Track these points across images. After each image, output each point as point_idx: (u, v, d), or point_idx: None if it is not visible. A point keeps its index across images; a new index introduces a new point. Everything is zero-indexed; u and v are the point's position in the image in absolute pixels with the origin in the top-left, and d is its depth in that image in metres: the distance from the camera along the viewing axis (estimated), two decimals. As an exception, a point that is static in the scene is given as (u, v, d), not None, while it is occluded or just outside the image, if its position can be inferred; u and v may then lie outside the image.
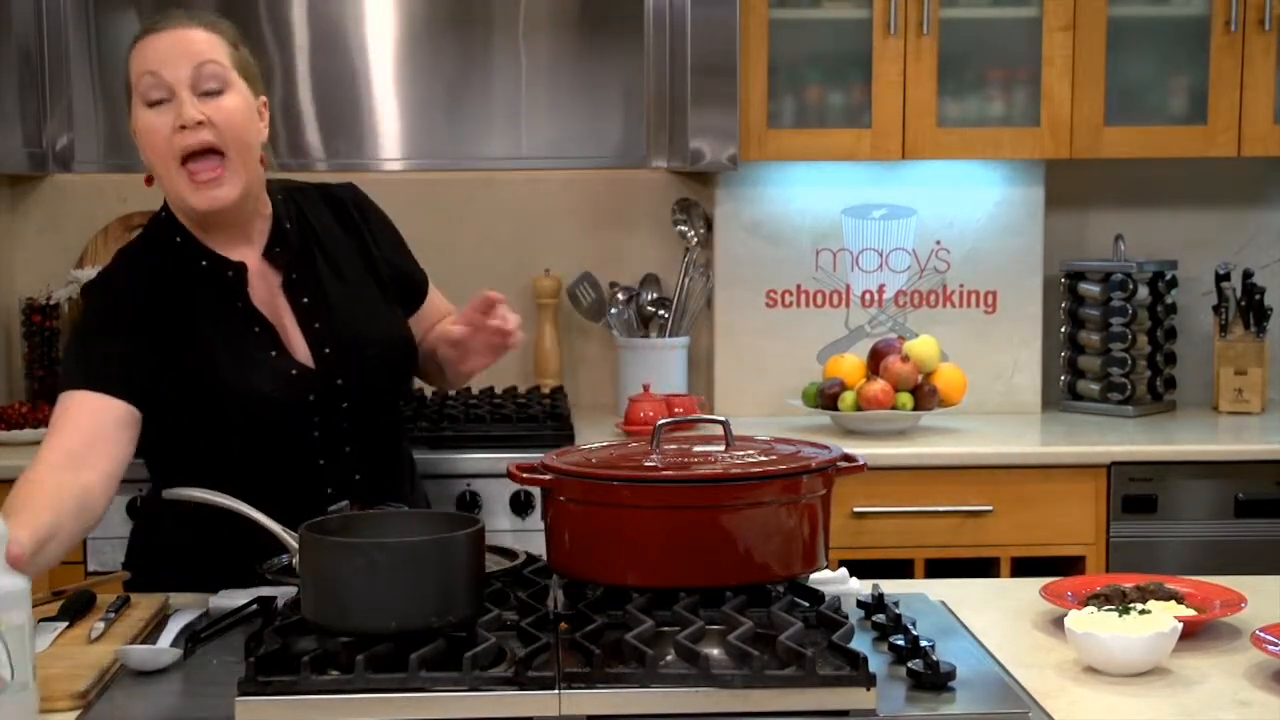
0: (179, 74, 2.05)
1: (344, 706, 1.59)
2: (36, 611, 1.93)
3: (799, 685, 1.61)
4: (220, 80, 2.07)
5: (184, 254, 2.15)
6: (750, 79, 3.46)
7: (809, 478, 1.87)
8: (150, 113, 2.06)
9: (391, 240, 2.37)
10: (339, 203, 2.31)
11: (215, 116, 2.05)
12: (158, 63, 2.05)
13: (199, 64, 2.06)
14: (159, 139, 2.04)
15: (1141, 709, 1.67)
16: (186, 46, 2.07)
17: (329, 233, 2.27)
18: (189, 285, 2.13)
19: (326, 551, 1.68)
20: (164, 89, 2.05)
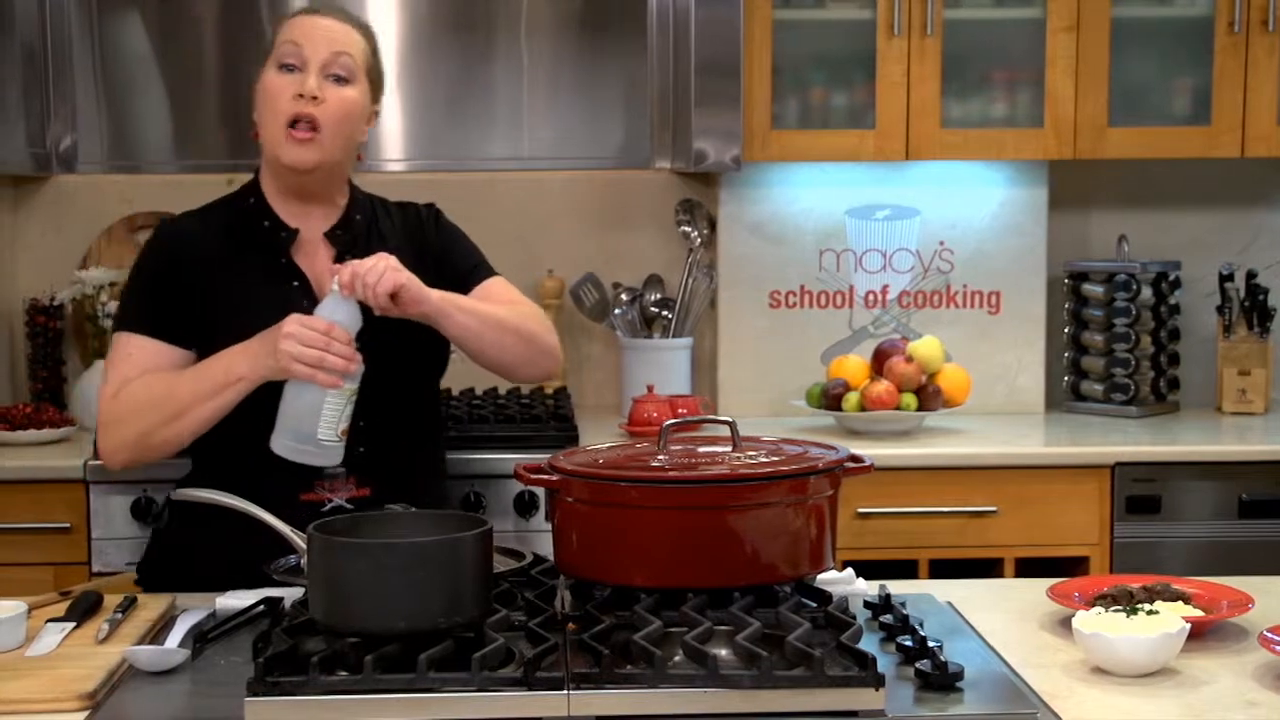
0: (317, 52, 2.27)
1: (352, 707, 1.59)
2: (43, 612, 1.95)
3: (808, 686, 1.61)
4: (349, 72, 2.29)
5: (251, 214, 2.35)
6: (754, 79, 3.46)
7: (816, 478, 1.87)
8: (279, 74, 2.27)
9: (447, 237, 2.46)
10: (413, 214, 2.47)
11: (331, 99, 2.26)
12: (303, 36, 2.28)
13: (336, 52, 2.28)
14: (279, 97, 2.25)
15: (1149, 710, 1.67)
16: (333, 34, 2.30)
17: (394, 235, 2.41)
18: (245, 241, 2.33)
19: (335, 552, 1.68)
20: (299, 59, 2.27)
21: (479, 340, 2.28)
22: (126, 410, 2.23)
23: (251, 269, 2.30)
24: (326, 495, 2.20)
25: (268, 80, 2.29)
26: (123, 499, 3.13)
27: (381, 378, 2.25)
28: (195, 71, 3.49)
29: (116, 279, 3.57)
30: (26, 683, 1.70)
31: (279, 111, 2.25)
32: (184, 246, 2.33)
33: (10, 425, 3.28)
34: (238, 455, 2.25)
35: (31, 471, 3.14)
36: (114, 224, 3.73)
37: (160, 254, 2.37)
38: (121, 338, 2.30)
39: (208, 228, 2.37)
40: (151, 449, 2.25)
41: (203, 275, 2.30)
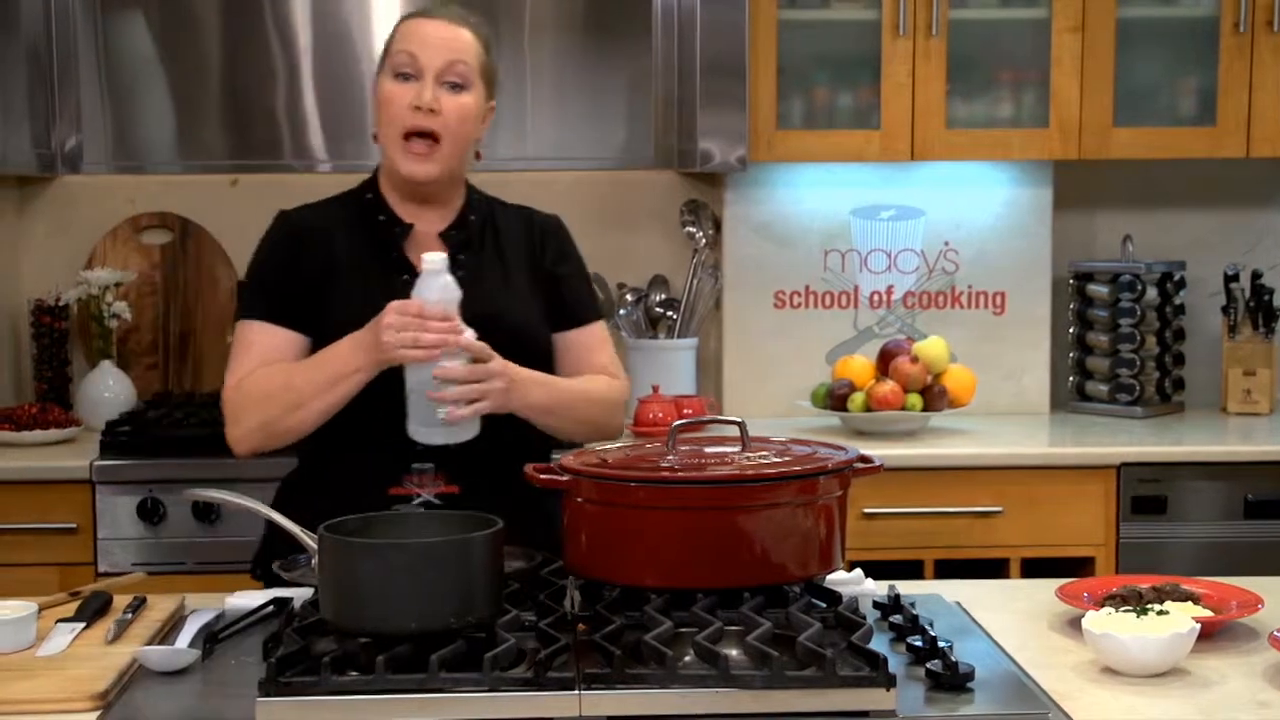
0: (432, 61, 2.26)
1: (364, 707, 1.59)
2: (53, 612, 1.95)
3: (819, 686, 1.62)
4: (464, 79, 2.28)
5: (368, 209, 2.37)
6: (759, 80, 3.46)
7: (826, 479, 1.87)
8: (396, 84, 2.27)
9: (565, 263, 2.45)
10: (531, 221, 2.47)
11: (447, 108, 2.26)
12: (419, 44, 2.27)
13: (452, 60, 2.26)
14: (396, 108, 2.26)
15: (1161, 710, 1.67)
16: (448, 40, 2.28)
17: (510, 238, 2.42)
18: (360, 234, 2.35)
19: (346, 552, 1.68)
20: (415, 68, 2.26)
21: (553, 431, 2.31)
22: (248, 401, 2.25)
23: (365, 262, 2.32)
24: (415, 490, 2.20)
25: (385, 88, 2.29)
26: (129, 499, 3.14)
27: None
28: (199, 72, 3.49)
29: (122, 279, 3.58)
30: (38, 683, 1.70)
31: (396, 121, 2.26)
32: (301, 236, 2.35)
33: (16, 425, 3.29)
34: (333, 451, 2.27)
35: (37, 472, 3.15)
36: (119, 224, 3.73)
37: (278, 243, 2.37)
38: (242, 326, 2.32)
39: (324, 220, 2.38)
40: (275, 437, 2.26)
41: (318, 265, 2.32)
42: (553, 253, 2.43)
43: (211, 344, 3.73)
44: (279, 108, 3.49)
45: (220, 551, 3.15)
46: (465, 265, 2.32)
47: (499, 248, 2.40)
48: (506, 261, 2.39)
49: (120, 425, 3.25)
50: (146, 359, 3.72)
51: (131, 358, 3.67)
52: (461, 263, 2.31)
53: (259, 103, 3.48)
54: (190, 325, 3.74)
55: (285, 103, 3.48)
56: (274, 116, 3.49)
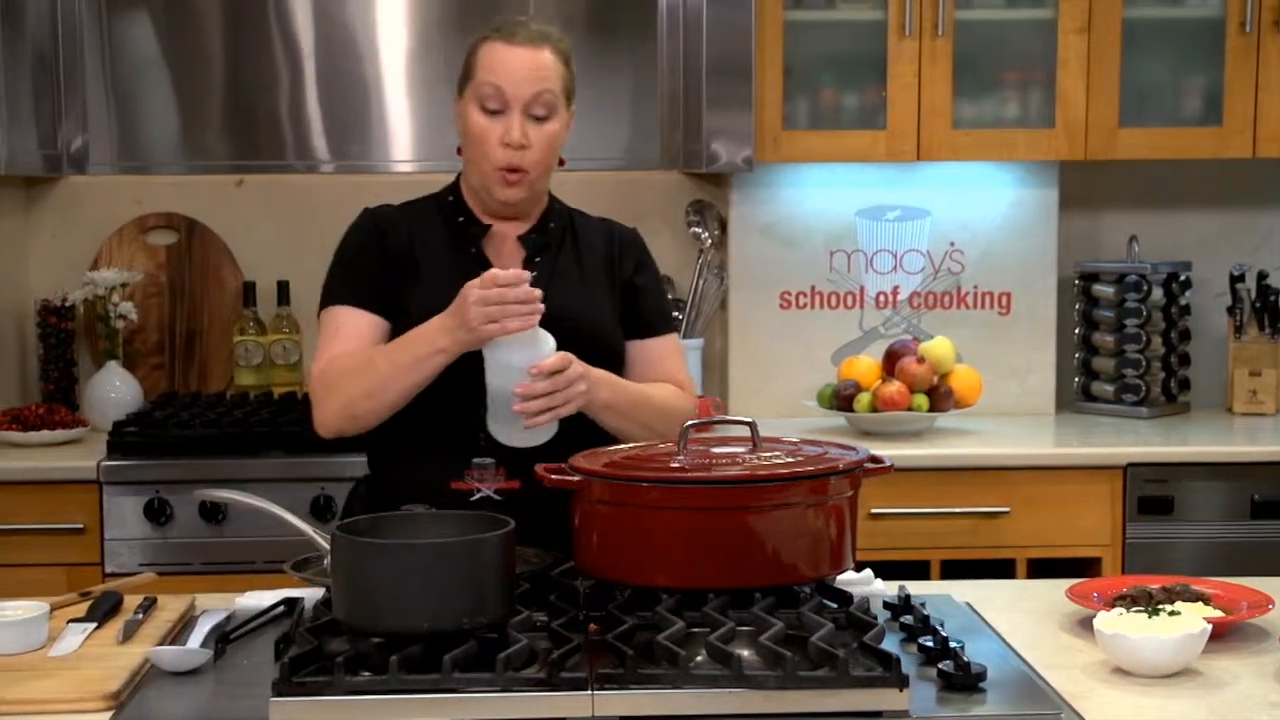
0: (519, 94, 2.29)
1: (378, 707, 1.60)
2: (63, 613, 1.95)
3: (832, 686, 1.62)
4: (550, 108, 2.31)
5: (450, 210, 2.40)
6: (765, 81, 3.46)
7: (836, 479, 1.87)
8: (484, 117, 2.30)
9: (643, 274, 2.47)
10: (611, 232, 2.49)
11: (536, 141, 2.30)
12: (504, 77, 2.29)
13: (537, 92, 2.29)
14: (487, 145, 2.30)
15: (1172, 710, 1.67)
16: (532, 70, 2.29)
17: (588, 245, 2.45)
18: (442, 233, 2.38)
19: (358, 552, 1.68)
20: (501, 102, 2.29)
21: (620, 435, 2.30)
22: (331, 383, 2.28)
23: (443, 257, 2.35)
24: (475, 485, 2.22)
25: (473, 121, 2.31)
26: (135, 500, 3.14)
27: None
28: (205, 73, 3.49)
29: (128, 280, 3.58)
30: (51, 683, 1.71)
31: (488, 158, 2.30)
32: (385, 228, 2.38)
33: (23, 426, 3.29)
34: (395, 447, 2.31)
35: (45, 472, 3.15)
36: (125, 225, 3.73)
37: (363, 232, 2.41)
38: (328, 313, 2.36)
39: (406, 217, 2.42)
40: (356, 419, 2.27)
41: (400, 257, 2.35)
42: (631, 263, 2.46)
43: (217, 344, 3.73)
44: (284, 108, 3.50)
45: (227, 552, 3.15)
46: (542, 267, 2.36)
47: (577, 252, 2.43)
48: (584, 266, 2.42)
49: (127, 426, 3.25)
50: (152, 359, 3.72)
51: (137, 358, 3.67)
52: (538, 265, 2.36)
53: (264, 103, 3.48)
54: (196, 325, 3.74)
55: (290, 103, 3.49)
56: (279, 117, 3.49)
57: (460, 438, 2.25)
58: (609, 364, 2.33)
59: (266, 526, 3.08)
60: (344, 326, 2.33)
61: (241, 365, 3.64)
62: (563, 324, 2.22)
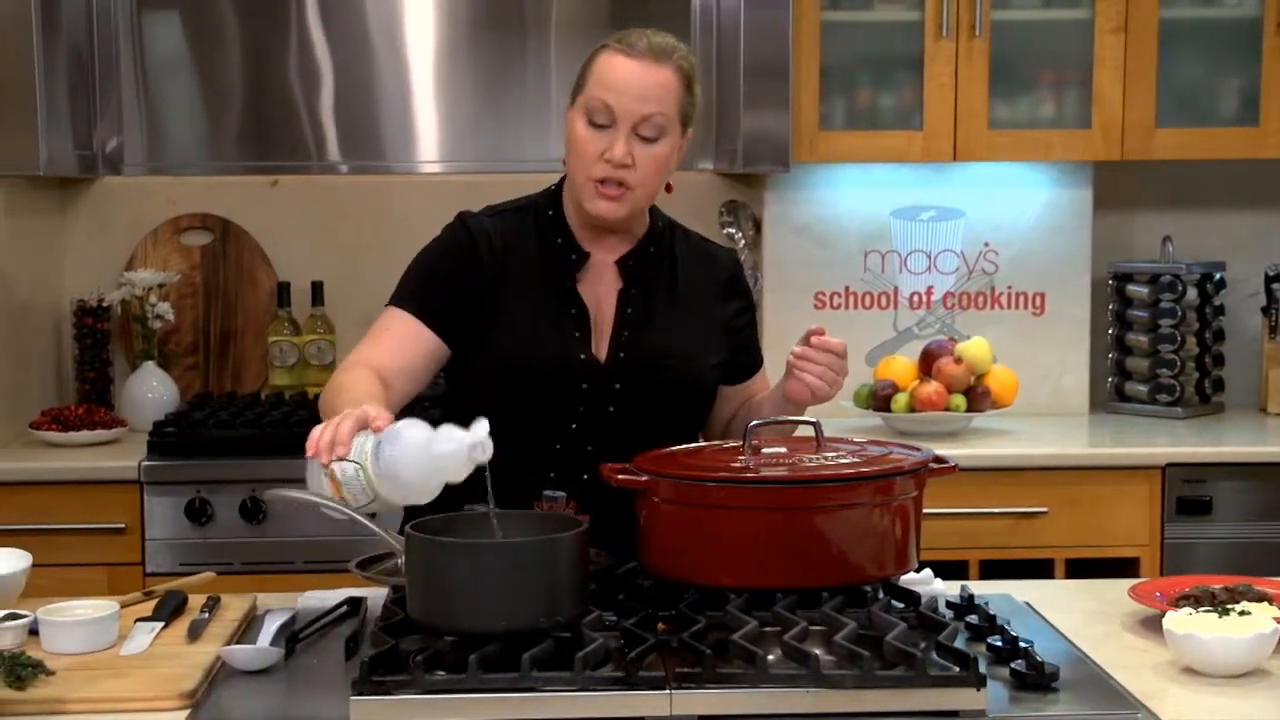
0: (629, 113, 2.16)
1: (457, 706, 1.60)
2: (129, 611, 1.95)
3: (910, 686, 1.62)
4: (659, 131, 2.18)
5: (549, 227, 2.29)
6: (802, 81, 3.46)
7: (902, 479, 1.88)
8: (588, 130, 2.18)
9: (745, 314, 2.40)
10: (713, 258, 2.40)
11: (641, 161, 2.17)
12: (616, 93, 2.16)
13: (649, 113, 2.16)
14: (587, 155, 2.18)
15: (1246, 710, 1.68)
16: (647, 89, 2.17)
17: (689, 273, 2.34)
18: (537, 254, 2.27)
19: (436, 552, 1.68)
20: (609, 118, 2.17)
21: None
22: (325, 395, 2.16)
23: (535, 284, 2.24)
24: None
25: (577, 131, 2.19)
26: (176, 500, 3.14)
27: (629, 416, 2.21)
28: (238, 74, 3.48)
29: (165, 280, 3.58)
30: (127, 681, 1.71)
31: (588, 170, 2.19)
32: (476, 244, 2.26)
33: (63, 426, 3.29)
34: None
35: (85, 472, 3.15)
36: (160, 225, 3.74)
37: (451, 244, 2.29)
38: (388, 311, 2.25)
39: (503, 230, 2.30)
40: None
41: (487, 277, 2.25)
42: (737, 304, 2.37)
43: (251, 345, 3.74)
44: (317, 109, 3.48)
45: (267, 551, 3.16)
46: (635, 301, 2.27)
47: (673, 281, 2.32)
48: (680, 299, 2.31)
49: (167, 426, 3.25)
50: (186, 360, 3.72)
51: (172, 359, 3.68)
52: (633, 297, 2.27)
53: (297, 104, 3.47)
54: (230, 326, 3.74)
55: (323, 104, 3.48)
56: (312, 118, 3.48)
57: (531, 469, 2.18)
58: (699, 403, 2.28)
59: (307, 526, 3.15)
60: (391, 331, 2.22)
61: (276, 366, 3.65)
62: (654, 363, 2.19)
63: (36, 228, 3.63)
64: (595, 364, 2.22)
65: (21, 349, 3.49)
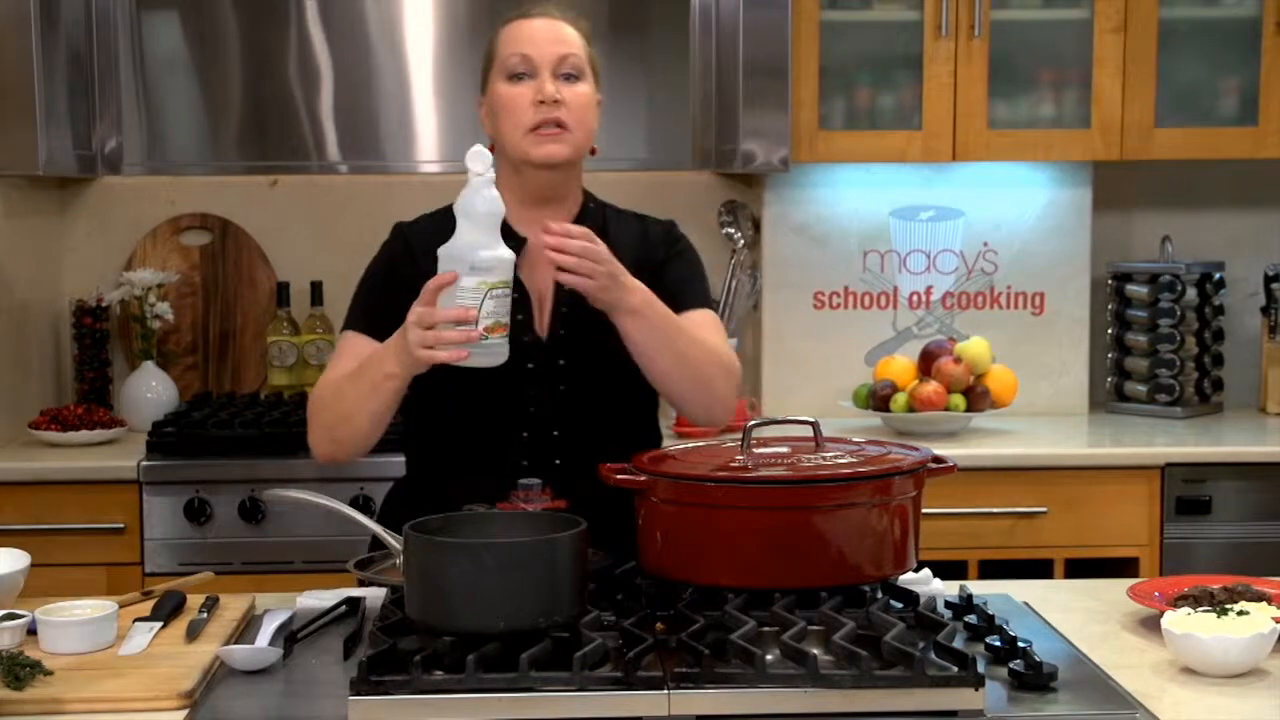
0: (545, 57, 2.26)
1: (456, 706, 1.60)
2: (128, 611, 1.95)
3: (908, 686, 1.62)
4: (578, 70, 2.28)
5: None
6: (802, 81, 3.46)
7: (901, 479, 1.88)
8: (511, 85, 2.27)
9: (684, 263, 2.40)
10: (646, 230, 2.42)
11: (569, 98, 2.26)
12: (528, 44, 2.27)
13: (564, 54, 2.27)
14: (518, 107, 2.25)
15: (1245, 710, 1.67)
16: (556, 35, 2.29)
17: (623, 246, 2.32)
18: None
19: (434, 552, 1.68)
20: (529, 67, 2.26)
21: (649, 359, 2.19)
22: (316, 408, 2.25)
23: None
24: (521, 505, 2.12)
25: (501, 92, 2.27)
26: (175, 500, 3.15)
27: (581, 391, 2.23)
28: (237, 74, 3.49)
29: (164, 280, 3.58)
30: (126, 681, 1.71)
31: (522, 122, 2.24)
32: (413, 250, 2.30)
33: (62, 426, 3.29)
34: (440, 465, 2.27)
35: (84, 472, 3.15)
36: (159, 225, 3.74)
37: (389, 257, 2.35)
38: (343, 337, 2.32)
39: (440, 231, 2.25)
40: (338, 445, 2.23)
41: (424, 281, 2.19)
42: (663, 248, 2.39)
43: (250, 345, 3.74)
44: (316, 109, 3.49)
45: (267, 552, 3.16)
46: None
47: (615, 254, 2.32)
48: None
49: (165, 426, 3.25)
50: (185, 360, 3.72)
51: (171, 358, 3.68)
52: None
53: (296, 104, 3.47)
54: (229, 326, 3.74)
55: (322, 104, 3.48)
56: (311, 118, 3.48)
57: (506, 457, 2.20)
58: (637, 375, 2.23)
59: (306, 526, 3.15)
60: (349, 354, 2.26)
61: (275, 365, 3.65)
62: (594, 332, 2.17)
63: (36, 228, 3.63)
64: (538, 343, 2.25)
65: (21, 349, 3.49)
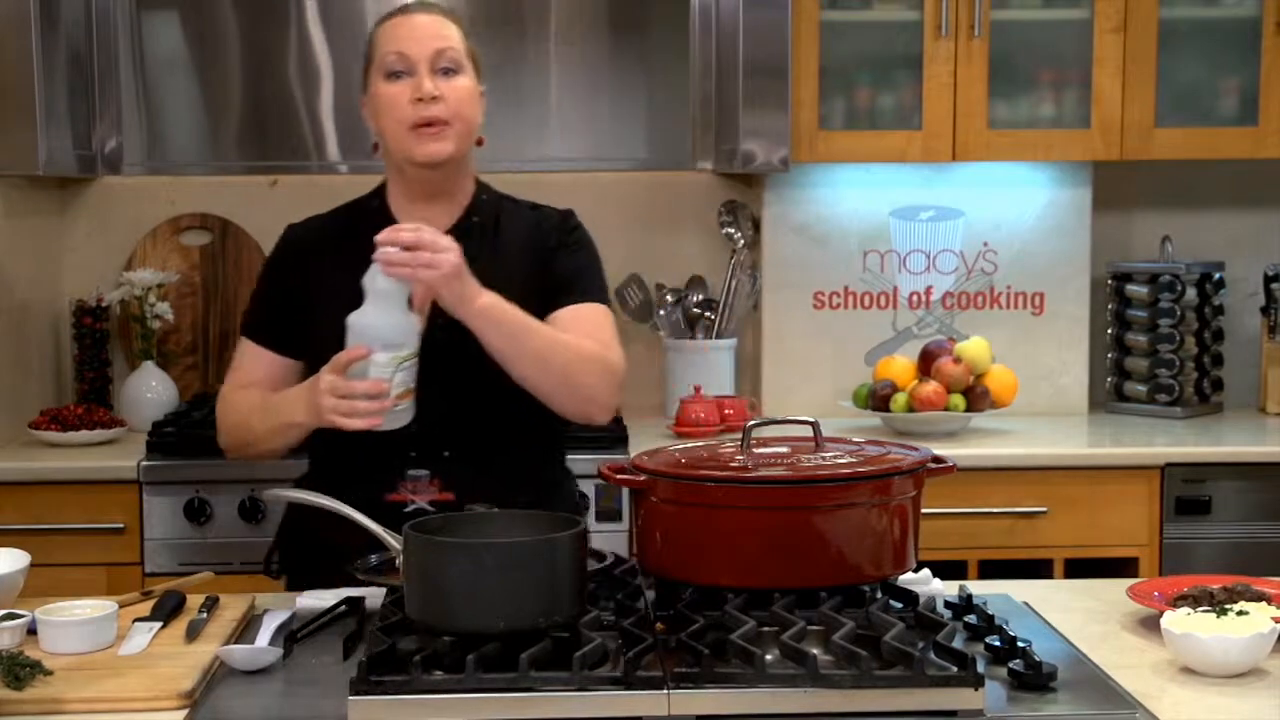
0: (422, 53, 2.26)
1: (455, 706, 1.60)
2: (128, 611, 1.95)
3: (908, 686, 1.62)
4: (456, 64, 2.29)
5: (372, 217, 2.33)
6: (802, 81, 3.46)
7: (900, 479, 1.88)
8: (390, 84, 2.27)
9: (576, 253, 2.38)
10: (539, 217, 2.42)
11: (449, 93, 2.26)
12: (405, 42, 2.28)
13: (440, 48, 2.27)
14: (398, 106, 2.26)
15: (1245, 710, 1.67)
16: (432, 31, 2.29)
17: (515, 236, 2.37)
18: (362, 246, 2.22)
19: (434, 551, 1.68)
20: (406, 64, 2.26)
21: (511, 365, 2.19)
22: (223, 420, 2.35)
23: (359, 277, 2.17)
24: (410, 497, 2.20)
25: (381, 91, 2.28)
26: (175, 500, 3.14)
27: (466, 382, 2.24)
28: (237, 74, 3.49)
29: (164, 280, 3.58)
30: (125, 681, 1.71)
31: (402, 119, 2.25)
32: (301, 253, 2.36)
33: (62, 426, 3.29)
34: (332, 457, 2.30)
35: (84, 472, 3.15)
36: (159, 225, 3.74)
37: (274, 260, 2.40)
38: (241, 341, 2.38)
39: (328, 233, 2.38)
40: (249, 457, 2.35)
41: (317, 283, 2.30)
42: (555, 235, 2.38)
43: (251, 344, 3.73)
44: (316, 109, 3.49)
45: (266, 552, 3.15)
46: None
47: (499, 246, 2.34)
48: (506, 260, 2.33)
49: (166, 426, 3.25)
50: (185, 360, 3.72)
51: (171, 358, 3.67)
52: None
53: (296, 104, 3.48)
54: (229, 326, 3.73)
55: (322, 104, 3.48)
56: (311, 117, 3.49)
57: (393, 450, 2.21)
58: None
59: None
60: (243, 362, 2.35)
61: (275, 365, 3.64)
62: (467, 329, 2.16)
63: (36, 228, 3.63)
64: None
65: (20, 349, 3.49)
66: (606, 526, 3.12)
